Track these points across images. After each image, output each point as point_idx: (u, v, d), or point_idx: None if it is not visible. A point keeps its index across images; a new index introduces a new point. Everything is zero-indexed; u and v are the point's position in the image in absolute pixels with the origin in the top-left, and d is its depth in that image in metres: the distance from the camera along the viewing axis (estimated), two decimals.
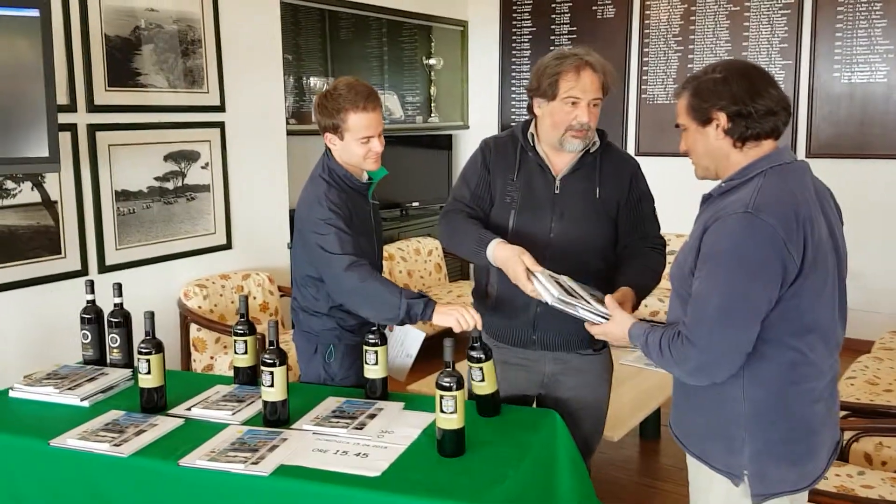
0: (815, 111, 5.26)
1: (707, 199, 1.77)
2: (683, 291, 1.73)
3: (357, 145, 2.34)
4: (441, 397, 1.87)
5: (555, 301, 1.96)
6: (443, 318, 2.15)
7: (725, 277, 1.61)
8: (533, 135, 2.26)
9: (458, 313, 2.13)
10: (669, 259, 2.13)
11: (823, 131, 5.25)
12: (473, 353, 2.07)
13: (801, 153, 5.26)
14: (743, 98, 1.65)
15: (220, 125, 4.25)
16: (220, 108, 4.24)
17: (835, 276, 1.69)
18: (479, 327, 2.13)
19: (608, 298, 1.96)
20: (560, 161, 2.24)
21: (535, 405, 2.36)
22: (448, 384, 1.87)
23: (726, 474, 1.73)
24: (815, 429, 1.72)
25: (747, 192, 1.65)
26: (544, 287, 1.98)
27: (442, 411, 1.88)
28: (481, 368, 2.06)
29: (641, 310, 3.36)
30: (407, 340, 2.46)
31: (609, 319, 1.93)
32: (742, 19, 5.42)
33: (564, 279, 2.05)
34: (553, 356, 2.28)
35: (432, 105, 6.37)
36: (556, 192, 2.22)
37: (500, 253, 2.10)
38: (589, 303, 1.97)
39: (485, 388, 2.10)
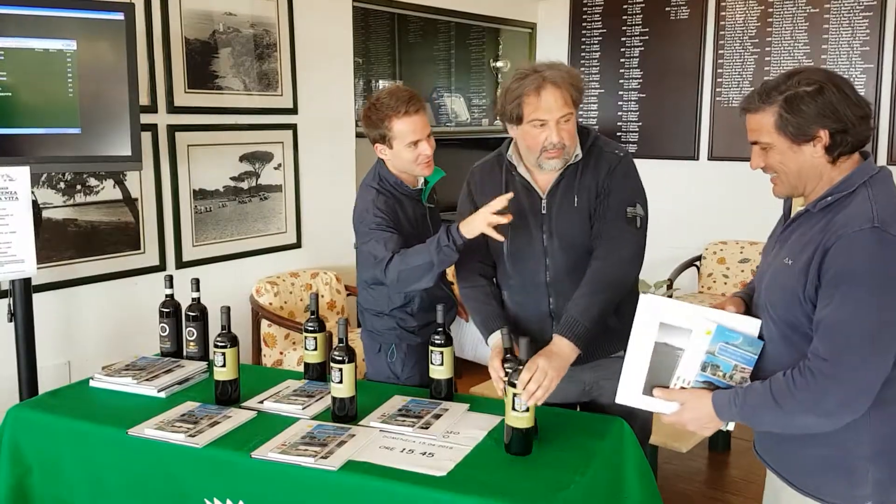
0: None
1: (802, 215, 1.65)
2: (792, 317, 1.61)
3: (406, 151, 2.36)
4: (514, 395, 1.87)
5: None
6: (470, 229, 2.10)
7: (867, 301, 1.48)
8: (513, 155, 2.20)
9: (480, 218, 2.07)
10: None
11: None
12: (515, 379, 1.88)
13: (881, 160, 5.05)
14: (843, 111, 1.55)
15: (293, 127, 4.33)
16: (293, 111, 4.33)
17: None
18: (508, 197, 2.03)
19: (658, 391, 1.71)
20: (544, 178, 2.17)
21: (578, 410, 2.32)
22: (509, 378, 1.89)
23: None
24: None
25: (860, 205, 1.54)
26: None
27: (514, 409, 1.87)
28: (516, 395, 1.87)
29: None
30: None
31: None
32: (821, 21, 5.25)
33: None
34: (589, 365, 2.21)
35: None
36: (543, 211, 2.16)
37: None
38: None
39: (525, 420, 1.89)
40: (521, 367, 1.90)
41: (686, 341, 1.69)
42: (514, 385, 1.87)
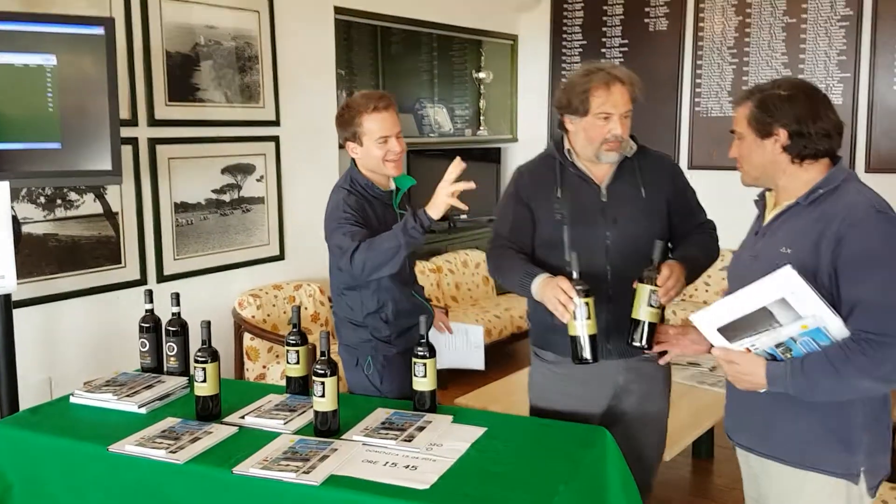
0: (874, 126, 5.12)
1: (791, 209, 1.78)
2: None
3: (375, 147, 2.41)
4: (651, 292, 2.01)
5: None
6: (436, 207, 2.21)
7: (891, 275, 1.63)
8: (570, 150, 2.29)
9: (442, 194, 2.19)
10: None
11: (883, 146, 5.11)
12: (579, 287, 2.01)
13: (859, 168, 5.13)
14: (805, 118, 1.72)
15: (275, 139, 4.34)
16: (276, 123, 4.33)
17: None
18: (462, 165, 2.24)
19: (717, 350, 1.79)
20: (600, 170, 2.28)
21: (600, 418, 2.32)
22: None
23: (843, 476, 1.73)
24: None
25: (854, 195, 1.71)
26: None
27: (650, 305, 2.02)
28: (587, 303, 2.00)
29: None
30: (469, 334, 2.63)
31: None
32: (798, 31, 5.32)
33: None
34: (626, 365, 2.26)
35: (481, 118, 6.39)
36: (604, 199, 2.25)
37: (540, 287, 2.11)
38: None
39: (589, 327, 2.01)
40: (578, 280, 2.01)
41: (787, 319, 1.67)
42: (650, 283, 2.02)
